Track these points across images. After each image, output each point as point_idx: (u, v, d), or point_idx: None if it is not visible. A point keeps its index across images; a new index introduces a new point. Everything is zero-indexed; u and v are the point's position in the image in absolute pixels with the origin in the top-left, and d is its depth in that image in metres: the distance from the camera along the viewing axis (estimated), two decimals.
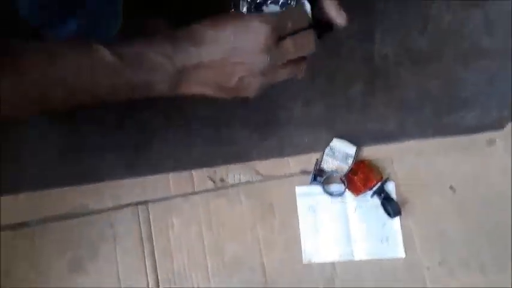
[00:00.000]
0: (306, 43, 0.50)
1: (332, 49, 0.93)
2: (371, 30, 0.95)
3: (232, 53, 0.47)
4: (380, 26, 0.95)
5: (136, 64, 0.45)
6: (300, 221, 0.85)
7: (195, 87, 0.50)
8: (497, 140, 0.94)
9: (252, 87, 0.50)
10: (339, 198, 0.86)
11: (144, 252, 0.81)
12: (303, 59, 0.52)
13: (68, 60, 0.43)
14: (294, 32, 0.49)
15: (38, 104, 0.44)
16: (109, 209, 0.82)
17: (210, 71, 0.48)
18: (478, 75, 0.96)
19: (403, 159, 0.91)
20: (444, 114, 0.93)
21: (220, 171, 0.86)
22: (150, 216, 0.83)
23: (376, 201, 0.87)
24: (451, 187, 0.91)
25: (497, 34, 0.98)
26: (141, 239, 0.81)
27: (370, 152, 0.90)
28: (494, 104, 0.95)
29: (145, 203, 0.83)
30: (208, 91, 0.51)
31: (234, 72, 0.48)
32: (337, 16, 0.53)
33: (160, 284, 0.80)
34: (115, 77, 0.45)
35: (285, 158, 0.88)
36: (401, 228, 0.87)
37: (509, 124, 0.94)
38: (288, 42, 0.48)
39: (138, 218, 0.82)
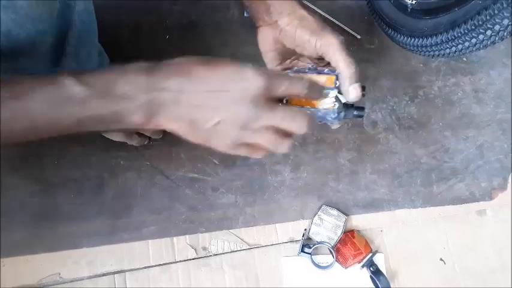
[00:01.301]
0: (298, 120, 0.46)
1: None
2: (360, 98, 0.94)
3: (217, 96, 0.43)
4: (369, 93, 0.95)
5: (104, 93, 0.42)
6: None
7: (168, 123, 0.45)
8: (487, 210, 0.92)
9: (225, 140, 0.46)
10: (328, 270, 0.83)
11: None
12: (288, 135, 0.47)
13: (32, 93, 0.41)
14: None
15: (2, 136, 0.41)
16: (84, 279, 0.77)
17: (187, 109, 0.44)
18: (467, 144, 0.95)
19: (392, 229, 0.88)
20: (433, 184, 0.92)
21: (203, 238, 0.82)
22: (127, 287, 0.78)
23: (366, 273, 0.84)
24: (441, 259, 0.88)
25: (486, 103, 0.99)
26: None
27: (359, 220, 0.88)
28: (484, 174, 0.94)
29: (122, 272, 0.78)
30: (181, 130, 0.46)
31: (213, 116, 0.44)
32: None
33: None
34: (81, 107, 0.42)
35: (272, 226, 0.85)
36: None
37: (500, 195, 0.93)
38: (280, 108, 0.45)
39: None
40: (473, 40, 0.63)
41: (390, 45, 0.97)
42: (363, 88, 0.54)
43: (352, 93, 0.53)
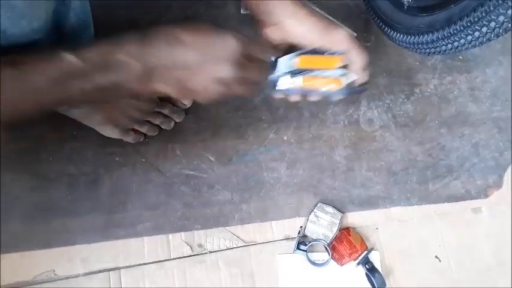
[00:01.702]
0: (264, 69, 0.57)
1: (317, 113, 0.92)
2: (356, 95, 0.95)
3: (201, 58, 0.49)
4: (365, 91, 0.95)
5: (102, 66, 0.46)
6: None
7: (159, 86, 0.50)
8: (482, 208, 0.93)
9: (209, 94, 0.52)
10: (323, 268, 0.83)
11: None
12: (256, 82, 0.56)
13: (36, 72, 0.44)
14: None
15: (9, 113, 0.45)
16: (79, 276, 0.76)
17: (176, 72, 0.49)
18: (463, 142, 0.95)
19: (387, 226, 0.88)
20: (429, 181, 0.92)
21: (199, 236, 0.82)
22: (122, 284, 0.77)
23: (361, 271, 0.84)
24: (436, 257, 0.88)
25: (482, 101, 0.99)
26: None
27: (355, 218, 0.88)
28: (480, 172, 0.94)
29: (117, 269, 0.78)
30: (170, 91, 0.51)
31: (198, 75, 0.50)
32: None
33: None
34: (82, 80, 0.46)
35: (268, 223, 0.85)
36: None
37: (495, 193, 0.93)
38: (252, 65, 0.53)
39: (110, 285, 0.77)
40: (469, 37, 0.63)
41: (386, 43, 0.97)
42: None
43: (364, 77, 0.61)
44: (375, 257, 0.85)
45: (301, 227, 0.83)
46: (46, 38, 0.55)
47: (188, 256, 0.81)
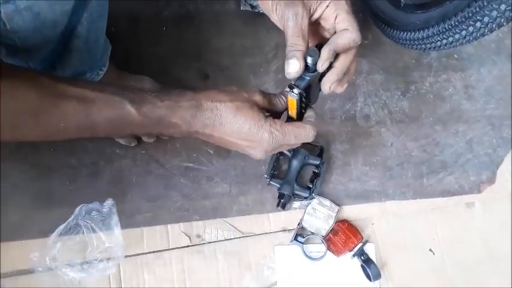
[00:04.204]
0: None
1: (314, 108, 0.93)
2: (354, 91, 0.96)
3: (240, 139, 0.55)
4: (362, 87, 0.97)
5: (158, 122, 0.52)
6: (278, 282, 0.82)
7: (200, 137, 0.57)
8: (476, 203, 0.94)
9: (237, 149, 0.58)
10: (319, 260, 0.84)
11: None
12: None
13: (101, 114, 0.49)
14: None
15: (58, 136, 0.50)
16: (78, 264, 0.77)
17: (216, 140, 0.56)
18: (457, 139, 0.97)
19: (383, 220, 0.90)
20: (424, 177, 0.93)
21: (198, 226, 0.83)
22: (121, 273, 0.78)
23: (357, 262, 0.85)
24: (430, 250, 0.90)
25: (476, 99, 1.01)
26: None
27: (350, 211, 0.89)
28: (473, 167, 0.96)
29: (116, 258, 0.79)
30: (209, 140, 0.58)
31: (236, 146, 0.57)
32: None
33: None
34: (137, 130, 0.52)
35: (265, 215, 0.86)
36: None
37: (488, 188, 0.95)
38: (285, 147, 0.59)
39: (108, 274, 0.78)
40: (464, 32, 0.65)
41: (383, 41, 0.99)
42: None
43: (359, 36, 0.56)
44: (370, 249, 0.86)
45: (301, 219, 0.85)
46: (62, 28, 0.57)
47: (186, 246, 0.82)
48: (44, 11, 0.51)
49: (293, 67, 0.54)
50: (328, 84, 0.56)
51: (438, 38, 0.71)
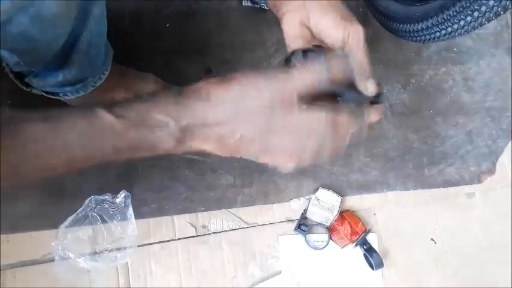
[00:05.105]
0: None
1: None
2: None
3: (237, 112, 0.46)
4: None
5: (140, 126, 0.44)
6: (282, 271, 0.84)
7: (197, 144, 0.48)
8: (476, 193, 0.96)
9: (251, 149, 0.48)
10: (322, 249, 0.86)
11: None
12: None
13: (70, 128, 0.43)
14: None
15: (39, 171, 0.43)
16: (86, 255, 0.79)
17: (213, 128, 0.46)
18: (457, 130, 0.99)
19: (385, 210, 0.91)
20: (425, 167, 0.95)
21: (203, 217, 0.85)
22: (128, 263, 0.80)
23: (359, 252, 0.87)
24: (432, 239, 0.91)
25: (475, 91, 1.02)
26: (118, 285, 0.78)
27: (353, 201, 0.91)
28: (473, 158, 0.97)
29: (124, 249, 0.80)
30: (209, 147, 0.48)
31: (236, 130, 0.46)
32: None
33: None
34: (118, 140, 0.44)
35: (269, 205, 0.88)
36: (383, 280, 0.86)
37: (488, 178, 0.96)
38: (295, 109, 0.45)
39: (121, 263, 0.79)
40: (462, 22, 0.67)
41: (383, 35, 1.00)
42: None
43: (371, 87, 0.50)
44: (372, 239, 0.88)
45: (304, 209, 0.86)
46: (64, 39, 0.58)
47: (192, 237, 0.83)
48: (35, 35, 0.51)
49: None
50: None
51: (437, 29, 0.72)
